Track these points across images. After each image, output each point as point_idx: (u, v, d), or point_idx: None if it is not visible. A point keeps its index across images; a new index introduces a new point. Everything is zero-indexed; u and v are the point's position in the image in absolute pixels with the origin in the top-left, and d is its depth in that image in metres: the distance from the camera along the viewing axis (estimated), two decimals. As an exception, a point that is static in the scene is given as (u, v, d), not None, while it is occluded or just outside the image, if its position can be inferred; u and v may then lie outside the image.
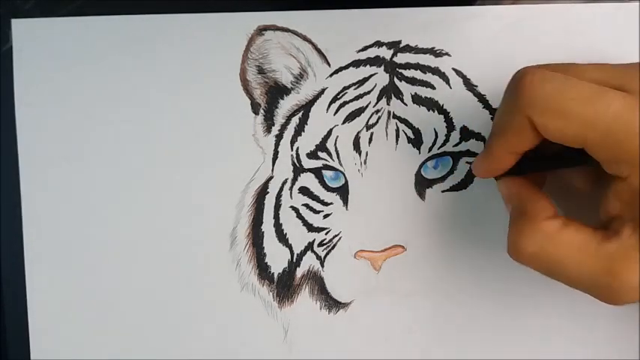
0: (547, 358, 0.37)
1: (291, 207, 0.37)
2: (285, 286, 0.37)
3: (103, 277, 0.37)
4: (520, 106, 0.27)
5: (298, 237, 0.37)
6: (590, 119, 0.25)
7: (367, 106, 0.37)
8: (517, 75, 0.28)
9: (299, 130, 0.37)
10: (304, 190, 0.37)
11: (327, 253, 0.37)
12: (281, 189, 0.37)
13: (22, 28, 0.38)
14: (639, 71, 0.27)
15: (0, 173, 0.38)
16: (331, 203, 0.37)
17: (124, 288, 0.37)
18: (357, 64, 0.37)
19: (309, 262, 0.37)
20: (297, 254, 0.37)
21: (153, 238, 0.37)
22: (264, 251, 0.37)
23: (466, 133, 0.36)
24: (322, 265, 0.37)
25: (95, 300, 0.37)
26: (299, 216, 0.37)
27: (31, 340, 0.38)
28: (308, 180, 0.37)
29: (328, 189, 0.37)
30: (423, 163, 0.36)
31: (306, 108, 0.37)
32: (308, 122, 0.37)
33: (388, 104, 0.37)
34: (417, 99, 0.37)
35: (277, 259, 0.37)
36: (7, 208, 0.38)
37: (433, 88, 0.37)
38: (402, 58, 0.37)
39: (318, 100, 0.37)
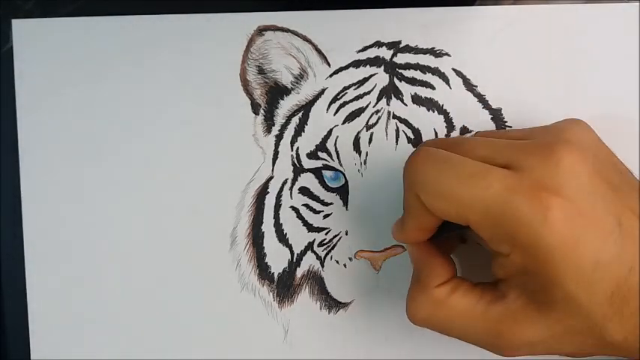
0: (547, 357, 0.37)
1: (292, 207, 0.37)
2: (285, 286, 0.37)
3: (103, 277, 0.37)
4: (409, 185, 0.28)
5: (298, 237, 0.37)
6: (468, 201, 0.25)
7: (367, 106, 0.37)
8: (410, 155, 0.28)
9: (299, 130, 0.37)
10: (304, 190, 0.37)
11: (327, 253, 0.37)
12: (281, 189, 0.37)
13: (22, 29, 0.38)
14: (527, 148, 0.26)
15: (0, 173, 0.38)
16: (331, 203, 0.37)
17: (124, 288, 0.37)
18: (357, 64, 0.37)
19: (309, 262, 0.37)
20: (297, 254, 0.37)
21: (153, 238, 0.37)
22: (265, 251, 0.37)
23: (466, 134, 0.36)
24: (322, 265, 0.37)
25: (95, 300, 0.37)
26: (299, 216, 0.37)
27: (32, 340, 0.38)
28: (308, 180, 0.37)
29: (328, 189, 0.37)
30: (423, 163, 0.36)
31: (306, 108, 0.37)
32: (308, 122, 0.37)
33: (388, 104, 0.37)
34: (416, 99, 0.37)
35: (277, 259, 0.37)
36: (7, 208, 0.38)
37: (433, 88, 0.37)
38: (401, 58, 0.37)
39: (318, 101, 0.37)
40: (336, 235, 0.37)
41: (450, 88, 0.37)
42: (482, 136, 0.31)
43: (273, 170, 0.37)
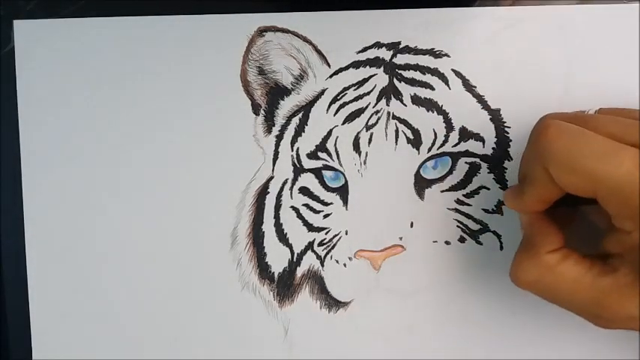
0: (547, 357, 0.37)
1: (292, 207, 0.37)
2: (285, 286, 0.37)
3: (104, 277, 0.38)
4: (538, 158, 0.28)
5: (298, 237, 0.37)
6: (600, 176, 0.26)
7: (367, 106, 0.37)
8: (538, 125, 0.29)
9: (299, 130, 0.37)
10: (304, 190, 0.37)
11: (327, 253, 0.37)
12: (281, 189, 0.37)
13: (24, 29, 0.38)
14: None
15: (1, 173, 0.38)
16: (331, 203, 0.37)
17: (125, 288, 0.38)
18: (356, 65, 0.37)
19: (309, 261, 0.37)
20: (298, 254, 0.37)
21: (154, 237, 0.37)
22: (265, 251, 0.37)
23: (465, 134, 0.37)
24: (322, 265, 0.37)
25: (96, 300, 0.38)
26: (299, 216, 0.37)
27: (33, 340, 0.38)
28: (308, 180, 0.37)
29: (328, 189, 0.37)
30: (423, 163, 0.36)
31: (306, 109, 0.37)
32: (308, 123, 0.37)
33: (388, 105, 0.37)
34: (416, 100, 0.37)
35: (278, 258, 0.37)
36: (9, 208, 0.38)
37: (432, 88, 0.37)
38: (401, 59, 0.37)
39: (318, 101, 0.37)
40: (336, 235, 0.37)
41: (450, 88, 0.37)
42: (606, 114, 0.31)
43: (273, 170, 0.37)
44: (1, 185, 0.38)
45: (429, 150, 0.36)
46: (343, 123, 0.37)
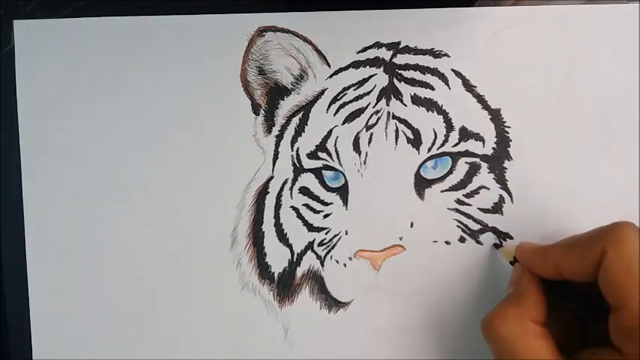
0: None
1: (292, 207, 0.37)
2: (285, 286, 0.37)
3: (104, 277, 0.38)
4: (607, 240, 0.28)
5: (298, 237, 0.37)
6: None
7: (367, 106, 0.37)
8: (625, 225, 0.29)
9: (299, 130, 0.37)
10: (304, 190, 0.37)
11: (327, 253, 0.37)
12: (281, 189, 0.37)
13: (23, 29, 0.38)
14: None
15: (1, 173, 0.38)
16: (331, 203, 0.37)
17: (124, 288, 0.38)
18: (356, 65, 0.37)
19: (309, 261, 0.37)
20: (298, 254, 0.37)
21: (154, 237, 0.37)
22: (265, 251, 0.37)
23: (465, 134, 0.37)
24: (322, 265, 0.37)
25: (96, 300, 0.38)
26: (299, 216, 0.37)
27: (33, 340, 0.38)
28: (308, 180, 0.37)
29: (328, 189, 0.37)
30: (423, 163, 0.36)
31: (306, 109, 0.37)
32: (308, 123, 0.37)
33: (388, 105, 0.37)
34: (416, 99, 0.37)
35: (278, 258, 0.37)
36: (9, 208, 0.38)
37: (432, 88, 0.37)
38: (401, 59, 0.37)
39: (318, 101, 0.37)
40: (336, 235, 0.37)
41: (450, 88, 0.37)
42: None
43: (273, 170, 0.37)
44: (1, 185, 0.38)
45: (429, 150, 0.36)
46: (343, 123, 0.37)
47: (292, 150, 0.37)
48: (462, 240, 0.37)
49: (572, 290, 0.32)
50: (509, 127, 0.37)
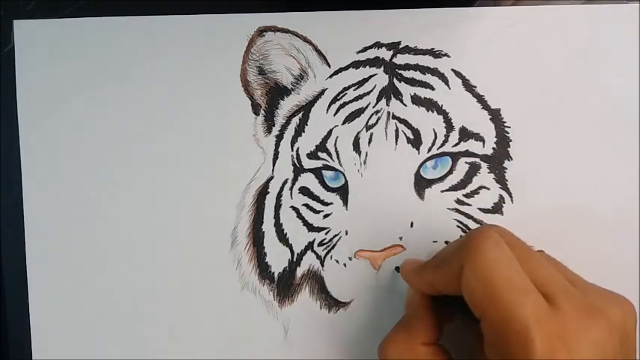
0: None
1: (292, 207, 0.37)
2: (285, 286, 0.37)
3: (104, 277, 0.38)
4: (463, 254, 0.28)
5: (298, 237, 0.37)
6: (497, 303, 0.26)
7: (367, 106, 0.37)
8: (480, 230, 0.29)
9: (299, 130, 0.37)
10: (304, 190, 0.37)
11: (327, 253, 0.37)
12: (281, 189, 0.37)
13: (23, 29, 0.38)
14: (575, 297, 0.27)
15: (1, 173, 0.38)
16: (331, 203, 0.37)
17: (125, 288, 0.38)
18: (356, 65, 0.37)
19: (309, 261, 0.37)
20: (298, 254, 0.37)
21: (154, 237, 0.37)
22: (265, 251, 0.37)
23: (465, 134, 0.37)
24: (322, 265, 0.37)
25: (96, 300, 0.38)
26: (299, 216, 0.37)
27: (33, 340, 0.38)
28: (308, 180, 0.37)
29: (328, 189, 0.37)
30: (423, 163, 0.36)
31: (306, 108, 0.37)
32: (308, 123, 0.37)
33: (388, 105, 0.37)
34: (416, 99, 0.37)
35: (278, 258, 0.37)
36: (9, 208, 0.38)
37: (432, 88, 0.37)
38: (401, 59, 0.37)
39: (318, 101, 0.37)
40: (336, 235, 0.37)
41: (450, 88, 0.37)
42: (545, 258, 0.31)
43: (273, 170, 0.37)
44: (1, 185, 0.38)
45: (429, 150, 0.36)
46: (343, 123, 0.37)
47: (292, 150, 0.37)
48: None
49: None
50: (509, 127, 0.37)
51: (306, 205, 0.37)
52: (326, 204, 0.37)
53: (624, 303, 0.29)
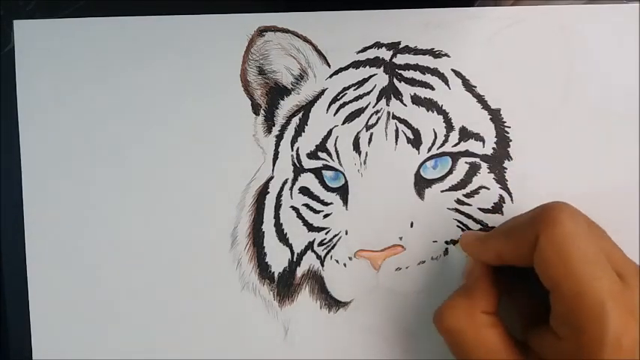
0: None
1: (292, 207, 0.37)
2: (285, 286, 0.37)
3: (104, 277, 0.38)
4: (538, 225, 0.28)
5: (298, 237, 0.37)
6: (576, 276, 0.26)
7: (367, 106, 0.37)
8: (555, 204, 0.29)
9: (299, 130, 0.37)
10: (304, 190, 0.37)
11: (327, 253, 0.37)
12: (281, 189, 0.37)
13: (23, 29, 0.38)
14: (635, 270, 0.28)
15: (1, 173, 0.38)
16: (331, 203, 0.37)
17: (125, 288, 0.38)
18: (356, 65, 0.37)
19: (309, 261, 0.37)
20: (298, 254, 0.37)
21: (154, 237, 0.37)
22: (265, 251, 0.37)
23: (465, 134, 0.37)
24: (322, 265, 0.37)
25: (96, 300, 0.38)
26: (299, 216, 0.37)
27: (33, 340, 0.38)
28: (308, 180, 0.37)
29: (328, 189, 0.37)
30: (423, 163, 0.36)
31: (306, 108, 0.37)
32: (308, 123, 0.37)
33: (388, 105, 0.37)
34: (416, 99, 0.37)
35: (278, 258, 0.37)
36: (9, 208, 0.38)
37: (432, 88, 0.37)
38: (401, 59, 0.37)
39: (318, 101, 0.37)
40: (336, 235, 0.37)
41: (450, 88, 0.37)
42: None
43: (273, 170, 0.37)
44: (1, 185, 0.38)
45: (429, 150, 0.36)
46: (343, 123, 0.37)
47: (292, 150, 0.37)
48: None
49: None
50: (509, 127, 0.37)
51: (306, 205, 0.37)
52: (326, 204, 0.37)
53: None
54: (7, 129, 0.38)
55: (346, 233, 0.37)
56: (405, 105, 0.37)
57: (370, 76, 0.37)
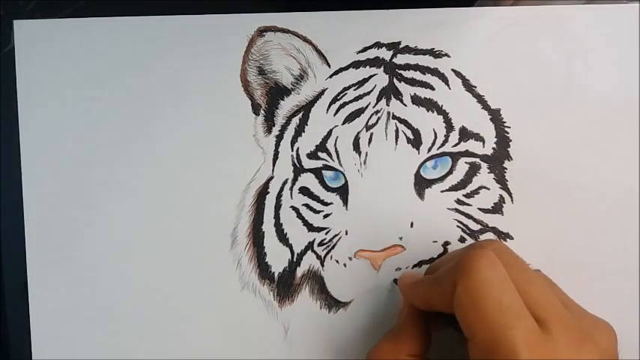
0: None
1: (292, 207, 0.37)
2: (285, 286, 0.37)
3: (104, 278, 0.38)
4: (457, 272, 0.28)
5: (298, 237, 0.37)
6: (488, 323, 0.26)
7: (367, 106, 0.37)
8: (476, 248, 0.28)
9: (299, 130, 0.37)
10: (304, 190, 0.37)
11: (327, 253, 0.37)
12: (281, 189, 0.37)
13: (23, 29, 0.38)
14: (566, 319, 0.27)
15: (1, 173, 0.38)
16: (331, 203, 0.37)
17: (125, 288, 0.38)
18: (356, 65, 0.37)
19: (309, 261, 0.37)
20: (298, 254, 0.37)
21: (154, 237, 0.37)
22: (265, 251, 0.37)
23: (465, 134, 0.37)
24: (322, 265, 0.37)
25: (96, 300, 0.38)
26: (299, 216, 0.37)
27: (33, 341, 0.38)
28: (308, 180, 0.37)
29: (328, 189, 0.37)
30: (423, 163, 0.36)
31: (306, 109, 0.37)
32: (308, 123, 0.37)
33: (388, 105, 0.37)
34: (416, 100, 0.37)
35: (278, 258, 0.37)
36: (9, 208, 0.38)
37: (432, 88, 0.37)
38: (401, 59, 0.37)
39: (318, 101, 0.37)
40: (336, 235, 0.37)
41: (450, 88, 0.37)
42: (543, 278, 0.31)
43: (273, 170, 0.37)
44: (1, 185, 0.38)
45: (429, 150, 0.36)
46: (343, 123, 0.37)
47: (292, 150, 0.37)
48: (462, 240, 0.37)
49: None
50: (509, 127, 0.37)
51: (306, 205, 0.37)
52: (326, 204, 0.37)
53: (609, 329, 0.29)
54: (7, 129, 0.38)
55: (346, 233, 0.37)
56: (405, 105, 0.37)
57: (370, 76, 0.37)
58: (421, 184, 0.37)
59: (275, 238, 0.37)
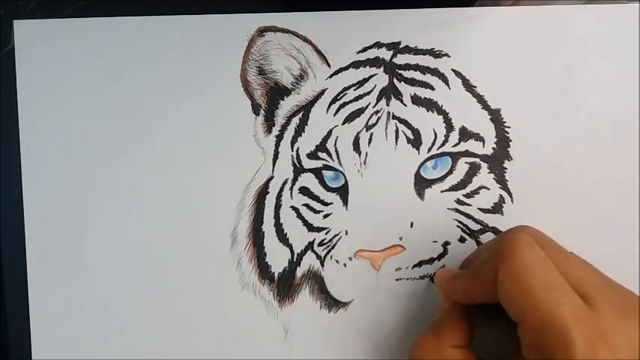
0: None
1: (292, 207, 0.37)
2: (285, 286, 0.37)
3: (104, 277, 0.38)
4: (496, 259, 0.28)
5: (298, 237, 0.37)
6: (535, 303, 0.26)
7: (367, 106, 0.37)
8: (512, 233, 0.29)
9: (299, 130, 0.37)
10: (304, 190, 0.37)
11: (327, 253, 0.37)
12: (281, 189, 0.37)
13: (23, 29, 0.38)
14: (609, 293, 0.27)
15: (1, 173, 0.38)
16: (331, 203, 0.37)
17: (124, 288, 0.38)
18: (356, 65, 0.37)
19: (309, 261, 0.37)
20: (298, 254, 0.37)
21: (154, 237, 0.37)
22: (265, 251, 0.37)
23: (465, 134, 0.37)
24: (322, 265, 0.37)
25: (96, 300, 0.38)
26: (299, 216, 0.37)
27: (33, 341, 0.38)
28: (308, 180, 0.37)
29: (328, 189, 0.37)
30: (423, 163, 0.36)
31: (306, 109, 0.37)
32: (308, 123, 0.37)
33: (388, 105, 0.37)
34: (416, 100, 0.37)
35: (278, 258, 0.37)
36: (9, 208, 0.38)
37: (432, 88, 0.37)
38: (401, 59, 0.37)
39: (318, 101, 0.37)
40: (336, 235, 0.37)
41: (450, 88, 0.37)
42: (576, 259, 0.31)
43: (273, 170, 0.37)
44: (1, 185, 0.38)
45: (429, 150, 0.36)
46: (343, 123, 0.37)
47: (292, 150, 0.37)
48: (462, 240, 0.37)
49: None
50: (509, 127, 0.37)
51: (306, 205, 0.37)
52: (326, 204, 0.37)
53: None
54: (7, 129, 0.38)
55: (346, 233, 0.37)
56: (405, 105, 0.37)
57: (370, 76, 0.37)
58: (421, 184, 0.37)
59: (275, 238, 0.37)
